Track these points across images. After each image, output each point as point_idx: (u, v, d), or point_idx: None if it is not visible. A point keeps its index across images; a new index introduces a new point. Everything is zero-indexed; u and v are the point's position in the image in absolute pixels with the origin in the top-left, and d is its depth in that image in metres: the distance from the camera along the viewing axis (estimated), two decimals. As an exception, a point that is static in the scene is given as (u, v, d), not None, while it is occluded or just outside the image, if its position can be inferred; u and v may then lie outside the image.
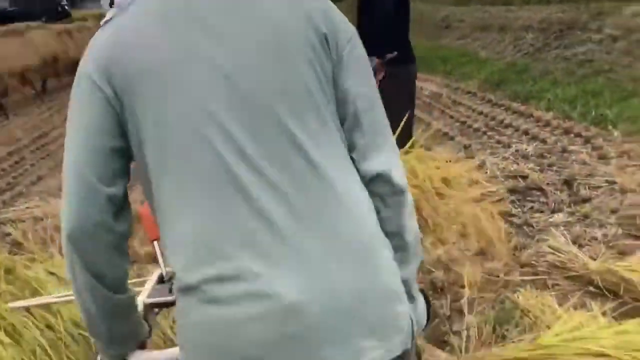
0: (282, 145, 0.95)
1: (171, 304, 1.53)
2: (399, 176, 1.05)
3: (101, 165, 0.97)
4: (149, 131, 0.96)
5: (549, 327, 2.32)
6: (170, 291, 1.53)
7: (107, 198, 0.97)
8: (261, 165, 0.94)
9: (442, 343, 2.39)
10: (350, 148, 1.03)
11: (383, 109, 1.07)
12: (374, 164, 1.03)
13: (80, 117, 0.98)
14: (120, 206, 1.00)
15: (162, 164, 0.96)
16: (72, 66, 14.74)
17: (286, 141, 0.95)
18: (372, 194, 1.03)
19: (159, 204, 0.99)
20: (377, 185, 1.03)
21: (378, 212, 1.03)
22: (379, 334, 0.95)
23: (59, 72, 14.64)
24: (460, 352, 2.19)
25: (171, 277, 1.56)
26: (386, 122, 1.07)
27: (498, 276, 2.97)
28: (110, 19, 1.01)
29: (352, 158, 1.03)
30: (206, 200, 0.94)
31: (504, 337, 2.32)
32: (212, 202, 0.94)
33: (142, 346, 1.20)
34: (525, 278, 2.91)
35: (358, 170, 1.03)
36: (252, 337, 0.90)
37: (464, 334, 2.35)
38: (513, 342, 2.18)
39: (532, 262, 3.07)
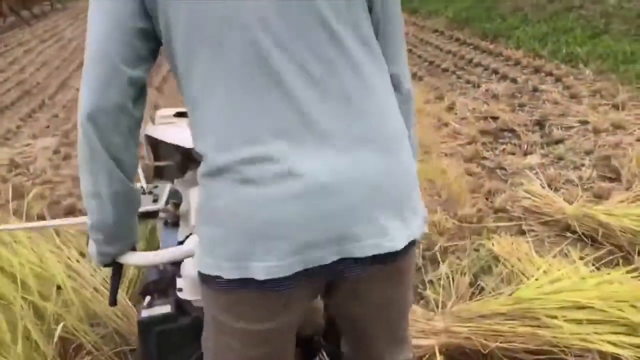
0: (318, 33, 0.95)
1: (154, 214, 1.58)
2: (409, 83, 1.12)
3: (126, 47, 0.96)
4: (179, 14, 0.94)
5: (526, 276, 2.21)
6: (154, 202, 1.56)
7: (129, 81, 0.97)
8: (295, 50, 0.94)
9: (416, 296, 2.26)
10: None
11: (402, 22, 1.12)
12: (391, 68, 1.07)
13: (104, 3, 0.96)
14: (140, 91, 1.00)
15: (193, 48, 0.95)
16: (18, 4, 13.99)
17: (322, 30, 0.95)
18: None
19: (189, 87, 0.98)
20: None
21: None
22: (402, 215, 0.99)
23: (3, 11, 13.83)
24: (437, 306, 2.06)
25: (151, 192, 1.62)
26: (403, 34, 1.11)
27: (471, 222, 2.85)
28: None
29: None
30: (239, 83, 0.94)
31: (481, 290, 2.19)
32: (245, 85, 0.94)
33: (133, 249, 1.21)
34: (500, 224, 2.79)
35: None
36: (284, 216, 0.92)
37: (440, 286, 2.21)
38: (492, 294, 2.06)
39: (507, 207, 2.95)
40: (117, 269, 1.26)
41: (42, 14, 16.00)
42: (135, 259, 1.21)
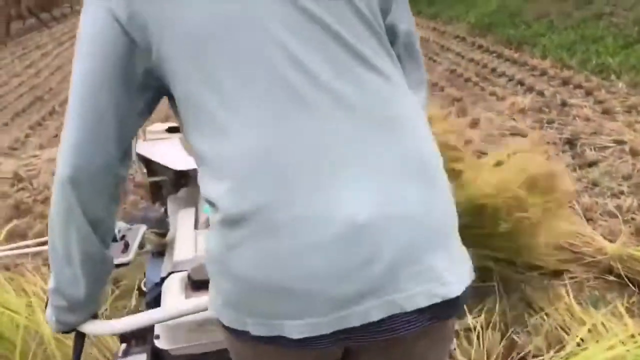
0: (348, 60, 0.85)
1: (125, 264, 1.48)
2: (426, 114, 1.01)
3: (118, 100, 0.87)
4: (180, 42, 0.83)
5: (566, 332, 1.96)
6: (124, 251, 1.46)
7: (119, 139, 0.89)
8: (318, 72, 0.83)
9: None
10: None
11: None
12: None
13: (90, 44, 0.86)
14: (128, 147, 0.93)
15: (198, 77, 0.84)
16: (37, 7, 14.06)
17: (352, 57, 0.86)
18: None
19: (196, 122, 0.87)
20: None
21: None
22: (451, 254, 0.86)
23: (22, 14, 13.83)
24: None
25: (124, 236, 1.51)
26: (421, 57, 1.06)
27: (500, 259, 2.57)
28: None
29: None
30: (257, 113, 0.82)
31: (517, 352, 1.94)
32: (265, 114, 0.82)
33: (95, 316, 1.13)
34: (533, 274, 2.50)
35: None
36: (318, 266, 0.80)
37: (468, 342, 1.97)
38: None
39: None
40: (80, 336, 1.16)
41: (62, 16, 16.00)
42: (97, 329, 1.12)
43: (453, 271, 0.85)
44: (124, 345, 1.34)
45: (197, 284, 1.25)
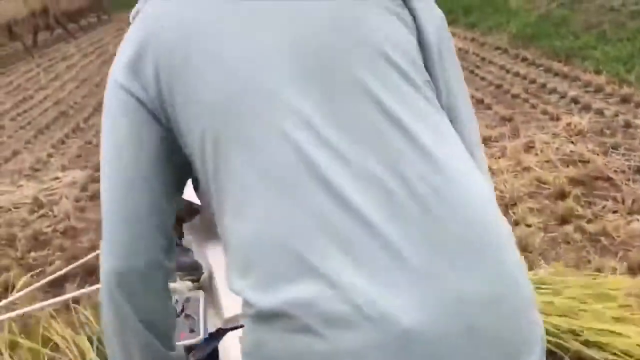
0: (370, 119, 0.78)
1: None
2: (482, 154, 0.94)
3: (147, 189, 0.84)
4: (196, 119, 0.80)
5: None
6: (192, 329, 1.38)
7: (159, 229, 0.86)
8: (345, 147, 0.76)
9: None
10: None
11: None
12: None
13: (112, 133, 0.85)
14: (170, 238, 0.89)
15: (216, 156, 0.79)
16: (64, 17, 14.10)
17: (376, 113, 0.78)
18: None
19: (217, 208, 0.83)
20: None
21: None
22: (518, 351, 0.76)
23: (50, 24, 13.82)
24: None
25: (183, 308, 1.41)
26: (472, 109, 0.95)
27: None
28: (138, 11, 0.89)
29: None
30: (277, 196, 0.76)
31: None
32: (285, 198, 0.75)
33: None
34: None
35: None
36: None
37: None
38: None
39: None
40: None
41: (88, 26, 15.99)
42: None
43: None
44: None
45: None
